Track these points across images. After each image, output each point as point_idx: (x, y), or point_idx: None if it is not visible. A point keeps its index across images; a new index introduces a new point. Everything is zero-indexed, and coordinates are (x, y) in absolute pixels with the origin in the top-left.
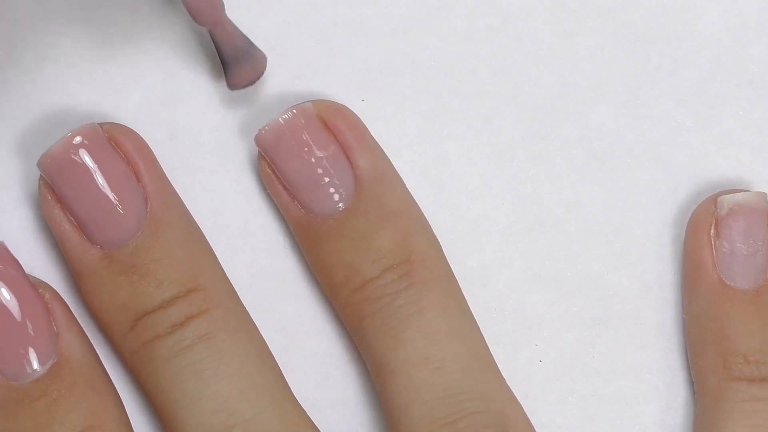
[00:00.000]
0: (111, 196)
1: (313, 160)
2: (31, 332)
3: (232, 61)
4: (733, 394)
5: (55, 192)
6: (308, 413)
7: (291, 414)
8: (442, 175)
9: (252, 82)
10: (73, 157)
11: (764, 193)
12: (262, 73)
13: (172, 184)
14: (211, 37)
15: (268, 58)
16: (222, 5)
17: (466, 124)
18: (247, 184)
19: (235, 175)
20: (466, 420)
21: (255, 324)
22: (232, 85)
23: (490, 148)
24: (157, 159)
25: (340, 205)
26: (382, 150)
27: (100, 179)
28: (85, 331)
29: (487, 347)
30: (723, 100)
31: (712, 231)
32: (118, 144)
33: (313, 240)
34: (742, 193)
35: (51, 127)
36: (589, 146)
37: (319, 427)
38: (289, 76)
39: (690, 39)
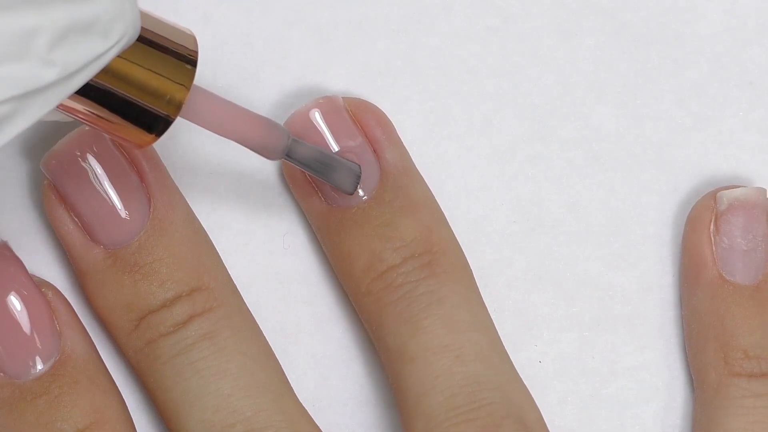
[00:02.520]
0: (114, 196)
1: (338, 149)
2: (38, 344)
3: (328, 173)
4: (733, 390)
5: (59, 192)
6: (308, 412)
7: (292, 412)
8: (442, 175)
9: (358, 178)
10: (76, 157)
11: (764, 189)
12: (359, 172)
13: None
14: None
15: (269, 58)
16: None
17: (466, 124)
18: (247, 184)
19: (235, 175)
20: (485, 409)
21: (257, 323)
22: (350, 192)
23: (490, 148)
24: (160, 158)
25: (364, 195)
26: (405, 147)
27: (103, 179)
28: (88, 330)
29: (501, 341)
30: (723, 100)
31: (712, 227)
32: (121, 144)
33: (335, 228)
34: (741, 188)
35: (52, 128)
36: (589, 146)
37: (319, 427)
38: (289, 76)
39: (690, 39)
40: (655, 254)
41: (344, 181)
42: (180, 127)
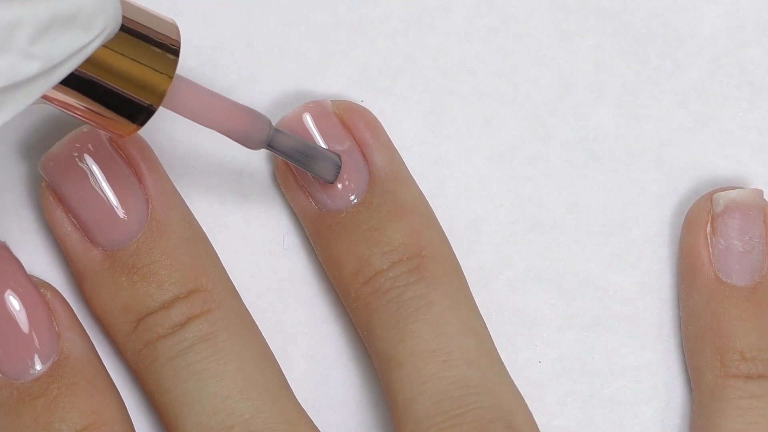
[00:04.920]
0: (112, 197)
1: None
2: (37, 344)
3: (309, 162)
4: (730, 392)
5: (57, 193)
6: (307, 413)
7: (290, 414)
8: (442, 176)
9: (338, 168)
10: (74, 158)
11: (760, 190)
12: (340, 162)
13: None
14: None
15: (268, 58)
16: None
17: (466, 124)
18: (247, 184)
19: (235, 175)
20: (472, 414)
21: (256, 324)
22: (331, 181)
23: (489, 148)
24: (158, 159)
25: (354, 199)
26: (396, 150)
27: (101, 181)
28: (88, 331)
29: (494, 344)
30: (723, 100)
31: (708, 228)
32: (119, 145)
33: (325, 233)
34: (737, 190)
35: (52, 128)
36: (589, 147)
37: (317, 427)
38: (289, 76)
39: (690, 39)
40: (655, 254)
41: (325, 171)
42: (178, 128)
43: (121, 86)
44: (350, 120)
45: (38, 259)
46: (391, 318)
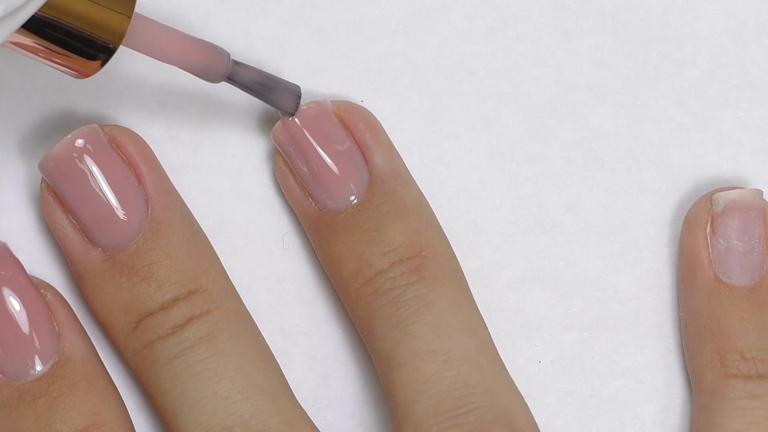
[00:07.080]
0: (112, 198)
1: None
2: (37, 344)
3: (269, 94)
4: (730, 392)
5: (57, 194)
6: (307, 413)
7: (290, 414)
8: (442, 176)
9: (298, 99)
10: (74, 159)
11: (760, 191)
12: (299, 92)
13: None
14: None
15: (269, 59)
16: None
17: (465, 124)
18: (247, 185)
19: (235, 176)
20: (472, 414)
21: (256, 325)
22: (292, 112)
23: (489, 148)
24: (158, 160)
25: (354, 199)
26: (396, 150)
27: (101, 182)
28: (88, 331)
29: (494, 344)
30: (723, 100)
31: (708, 228)
32: (120, 146)
33: (325, 233)
34: (737, 190)
35: (52, 129)
36: (589, 147)
37: (318, 427)
38: (289, 76)
39: (690, 39)
40: (654, 255)
41: (285, 102)
42: (180, 126)
43: (82, 27)
44: (350, 120)
45: (38, 260)
46: (391, 318)
